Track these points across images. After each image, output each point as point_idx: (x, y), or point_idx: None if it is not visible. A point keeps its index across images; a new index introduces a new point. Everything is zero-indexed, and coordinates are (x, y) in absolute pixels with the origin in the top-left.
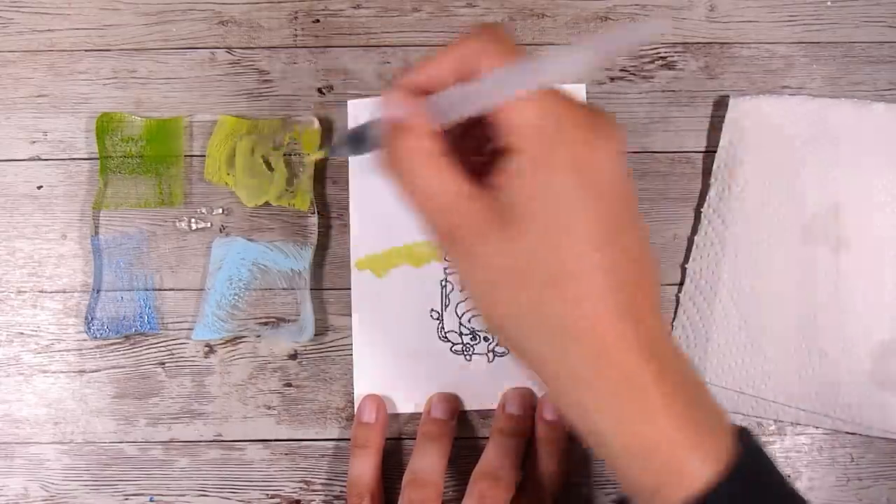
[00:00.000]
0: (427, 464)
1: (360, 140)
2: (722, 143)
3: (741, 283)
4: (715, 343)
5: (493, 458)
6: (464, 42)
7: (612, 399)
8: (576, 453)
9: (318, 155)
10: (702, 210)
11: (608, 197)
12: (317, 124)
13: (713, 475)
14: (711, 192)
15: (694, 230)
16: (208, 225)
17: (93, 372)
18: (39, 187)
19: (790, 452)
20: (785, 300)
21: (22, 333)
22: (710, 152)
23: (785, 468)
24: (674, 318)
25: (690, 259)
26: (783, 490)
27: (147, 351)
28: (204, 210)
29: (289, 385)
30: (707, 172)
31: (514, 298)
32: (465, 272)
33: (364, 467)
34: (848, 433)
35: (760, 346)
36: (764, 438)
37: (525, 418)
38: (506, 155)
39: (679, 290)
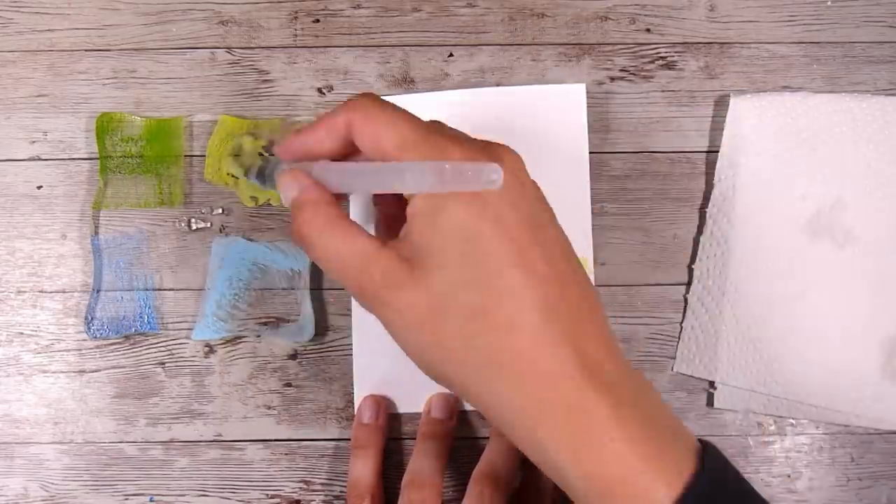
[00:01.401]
0: (426, 464)
1: (265, 175)
2: (724, 141)
3: (749, 282)
4: (725, 342)
5: (494, 460)
6: (333, 112)
7: (562, 431)
8: None
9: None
10: (706, 210)
11: (515, 223)
12: None
13: (676, 497)
14: (715, 192)
15: (699, 230)
16: (208, 225)
17: (93, 372)
18: (39, 187)
19: (790, 452)
20: (793, 297)
21: (22, 333)
22: (710, 152)
23: (784, 468)
24: (682, 319)
25: (697, 259)
26: (745, 498)
27: (147, 351)
28: (204, 210)
29: (289, 385)
30: (708, 172)
31: (440, 339)
32: (389, 325)
33: (364, 468)
34: (852, 431)
35: (770, 344)
36: (764, 439)
37: None
38: (407, 200)
39: (686, 291)
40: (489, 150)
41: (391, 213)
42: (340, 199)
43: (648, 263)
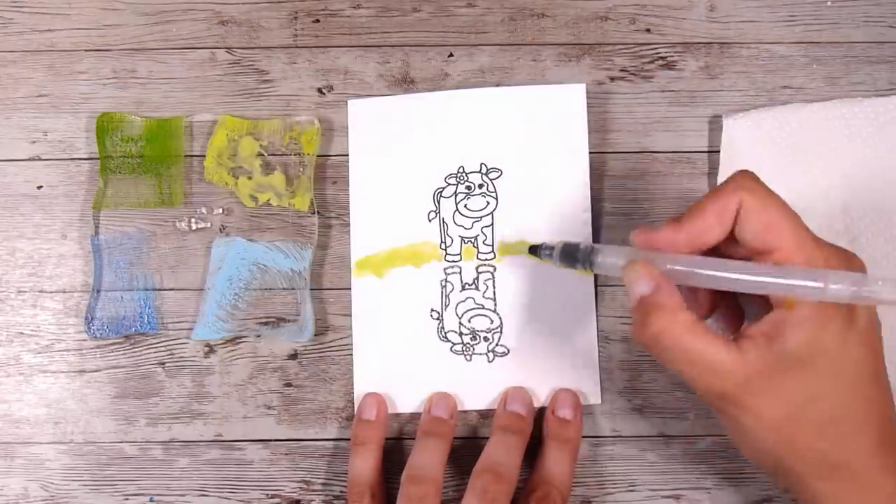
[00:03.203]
0: (426, 460)
1: (572, 257)
2: (721, 164)
3: None
4: None
5: (495, 454)
6: (721, 193)
7: None
8: (580, 452)
9: (525, 253)
10: None
11: (875, 341)
12: (317, 124)
13: None
14: None
15: None
16: (208, 225)
17: (93, 372)
18: (39, 187)
19: None
20: None
21: (22, 333)
22: (709, 152)
23: None
24: None
25: None
26: None
27: (147, 351)
28: (204, 210)
29: (289, 385)
30: (709, 173)
31: (791, 443)
32: (738, 425)
33: (364, 464)
34: None
35: None
36: None
37: (526, 416)
38: (777, 307)
39: None
40: (849, 259)
41: (726, 307)
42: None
43: None
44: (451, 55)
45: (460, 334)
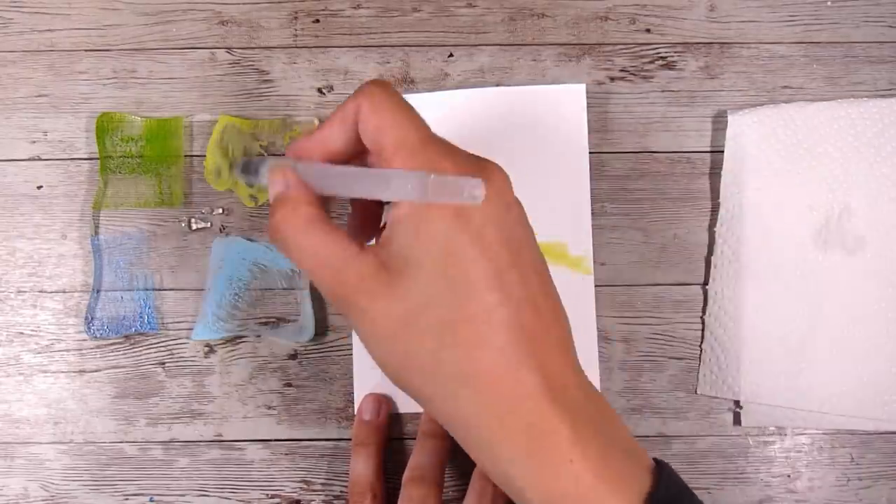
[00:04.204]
0: (427, 461)
1: (251, 171)
2: (726, 160)
3: (765, 297)
4: (747, 361)
5: None
6: (346, 102)
7: (522, 449)
8: None
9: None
10: (715, 230)
11: (496, 242)
12: (317, 124)
13: None
14: (722, 211)
15: (710, 251)
16: (208, 225)
17: (93, 372)
18: (39, 187)
19: (790, 452)
20: (810, 308)
21: (22, 333)
22: (709, 152)
23: (785, 468)
24: (701, 342)
25: (710, 280)
26: None
27: (147, 351)
28: (204, 210)
29: (289, 385)
30: (712, 173)
31: (409, 350)
32: (360, 331)
33: (366, 465)
34: (852, 431)
35: (793, 358)
36: (764, 438)
37: None
38: (390, 204)
39: (703, 313)
40: (479, 166)
41: (368, 213)
42: (329, 202)
43: (648, 263)
44: (451, 55)
45: None
